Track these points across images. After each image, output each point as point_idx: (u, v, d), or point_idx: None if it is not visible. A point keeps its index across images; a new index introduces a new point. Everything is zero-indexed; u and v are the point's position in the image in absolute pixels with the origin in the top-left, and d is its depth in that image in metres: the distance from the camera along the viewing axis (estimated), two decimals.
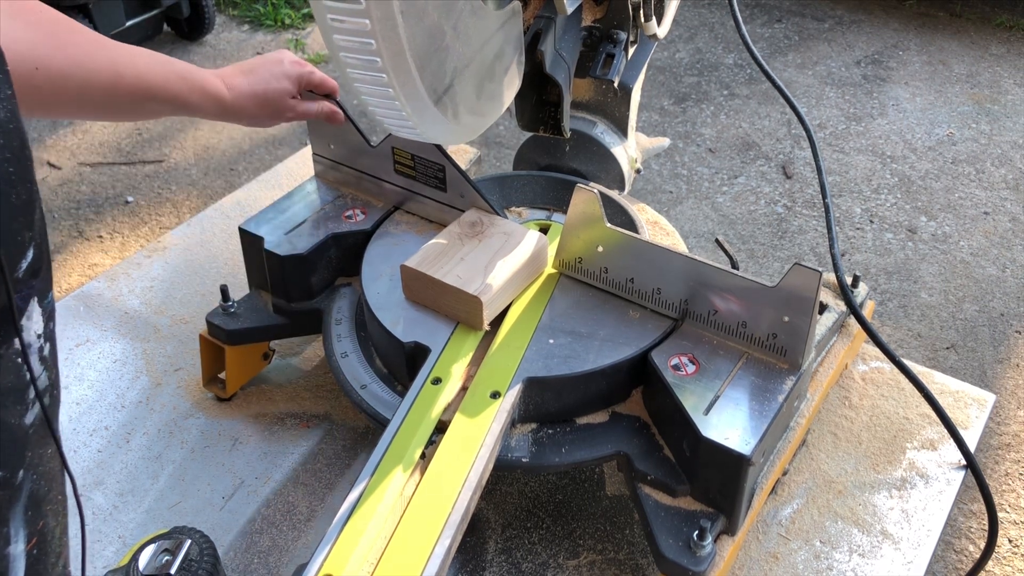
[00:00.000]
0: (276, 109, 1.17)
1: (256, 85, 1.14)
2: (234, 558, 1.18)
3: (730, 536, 1.05)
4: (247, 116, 1.15)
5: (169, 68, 1.05)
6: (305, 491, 1.26)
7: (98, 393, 1.42)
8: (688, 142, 2.94)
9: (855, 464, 1.27)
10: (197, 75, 1.09)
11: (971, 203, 2.64)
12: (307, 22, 3.74)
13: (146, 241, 2.44)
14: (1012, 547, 1.65)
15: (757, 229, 2.55)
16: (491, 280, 1.12)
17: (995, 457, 1.84)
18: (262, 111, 1.16)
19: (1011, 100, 3.12)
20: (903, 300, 2.29)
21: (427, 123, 0.90)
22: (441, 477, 0.96)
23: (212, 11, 3.47)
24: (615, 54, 1.38)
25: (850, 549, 1.16)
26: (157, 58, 1.06)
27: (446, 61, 0.89)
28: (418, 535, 0.90)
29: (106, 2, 3.09)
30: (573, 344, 1.11)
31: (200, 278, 1.64)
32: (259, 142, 2.97)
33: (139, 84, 1.00)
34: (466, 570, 1.15)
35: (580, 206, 1.14)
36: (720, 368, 1.07)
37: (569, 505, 1.24)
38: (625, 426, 1.11)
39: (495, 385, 1.06)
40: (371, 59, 0.81)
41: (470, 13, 0.91)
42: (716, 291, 1.09)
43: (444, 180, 1.28)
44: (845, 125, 3.00)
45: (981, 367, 2.08)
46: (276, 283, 1.33)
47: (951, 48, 3.45)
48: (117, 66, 0.97)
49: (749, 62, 3.35)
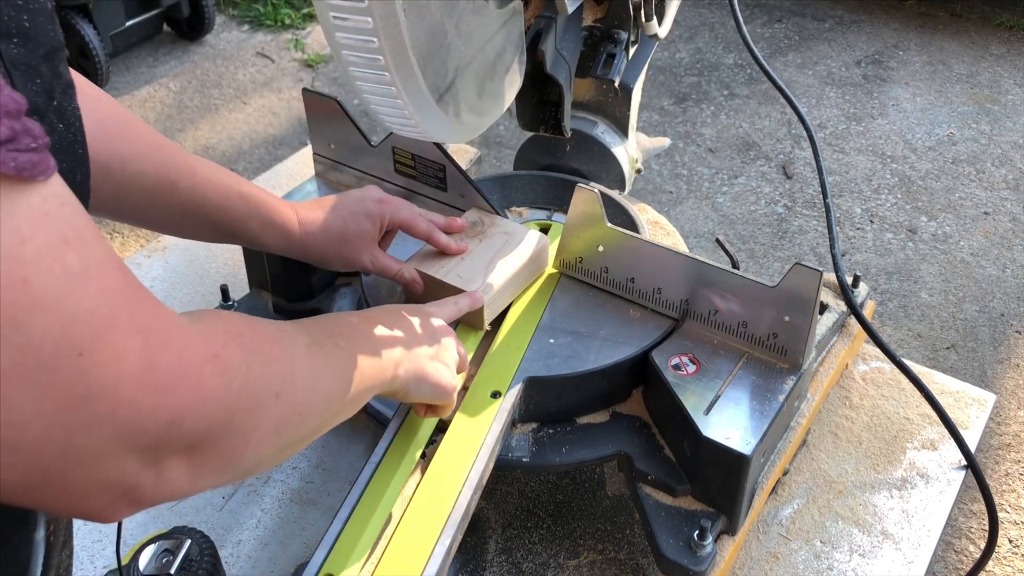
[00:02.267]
0: (352, 252, 1.06)
1: (332, 223, 1.04)
2: (234, 558, 1.18)
3: (730, 536, 1.05)
4: (317, 256, 1.06)
5: (234, 187, 0.96)
6: (305, 490, 1.26)
7: None
8: (688, 142, 2.94)
9: (855, 464, 1.27)
10: (266, 201, 1.00)
11: (971, 203, 2.64)
12: (307, 22, 3.74)
13: (146, 241, 2.44)
14: (1012, 547, 1.65)
15: (757, 229, 2.55)
16: (492, 280, 1.12)
17: (995, 457, 1.84)
18: (335, 253, 1.06)
19: (1011, 100, 3.12)
20: (903, 300, 2.29)
21: (429, 122, 0.90)
22: (441, 477, 0.96)
23: (212, 11, 3.47)
24: (616, 54, 1.38)
25: (850, 549, 1.16)
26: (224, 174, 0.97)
27: (448, 60, 0.89)
28: (418, 535, 0.90)
29: (106, 2, 3.09)
30: (574, 344, 1.11)
31: (200, 278, 1.64)
32: (259, 142, 2.97)
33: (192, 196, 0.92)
34: (466, 570, 1.15)
35: (581, 206, 1.14)
36: (721, 368, 1.07)
37: (569, 505, 1.24)
38: (626, 426, 1.11)
39: (495, 385, 1.06)
40: (373, 57, 0.81)
41: (472, 12, 0.91)
42: (717, 291, 1.09)
43: (444, 180, 1.28)
44: (845, 125, 3.00)
45: (981, 367, 2.08)
46: (276, 282, 1.33)
47: (951, 48, 3.45)
48: (170, 171, 0.91)
49: (749, 62, 3.35)
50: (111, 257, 0.47)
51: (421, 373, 0.89)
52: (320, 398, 0.69)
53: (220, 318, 0.59)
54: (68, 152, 0.53)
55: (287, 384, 0.62)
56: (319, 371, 0.69)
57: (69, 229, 0.44)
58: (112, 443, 0.46)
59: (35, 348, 0.42)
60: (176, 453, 0.51)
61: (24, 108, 0.43)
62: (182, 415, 0.50)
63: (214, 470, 0.55)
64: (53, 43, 0.50)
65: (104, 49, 3.08)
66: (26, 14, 0.48)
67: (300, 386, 0.65)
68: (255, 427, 0.57)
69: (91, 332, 0.44)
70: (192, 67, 3.42)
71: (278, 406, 0.60)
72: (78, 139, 0.54)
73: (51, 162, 0.44)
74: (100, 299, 0.45)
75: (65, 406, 0.44)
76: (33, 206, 0.43)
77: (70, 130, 0.53)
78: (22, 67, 0.48)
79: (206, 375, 0.52)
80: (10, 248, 0.41)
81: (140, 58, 3.46)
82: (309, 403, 0.66)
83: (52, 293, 0.43)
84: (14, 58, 0.47)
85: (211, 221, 0.97)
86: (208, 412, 0.52)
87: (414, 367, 0.87)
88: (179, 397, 0.49)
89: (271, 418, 0.59)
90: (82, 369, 0.44)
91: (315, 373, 0.68)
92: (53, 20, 0.51)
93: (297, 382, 0.64)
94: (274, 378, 0.60)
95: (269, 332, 0.64)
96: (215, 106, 3.18)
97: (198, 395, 0.51)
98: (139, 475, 0.49)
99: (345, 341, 0.77)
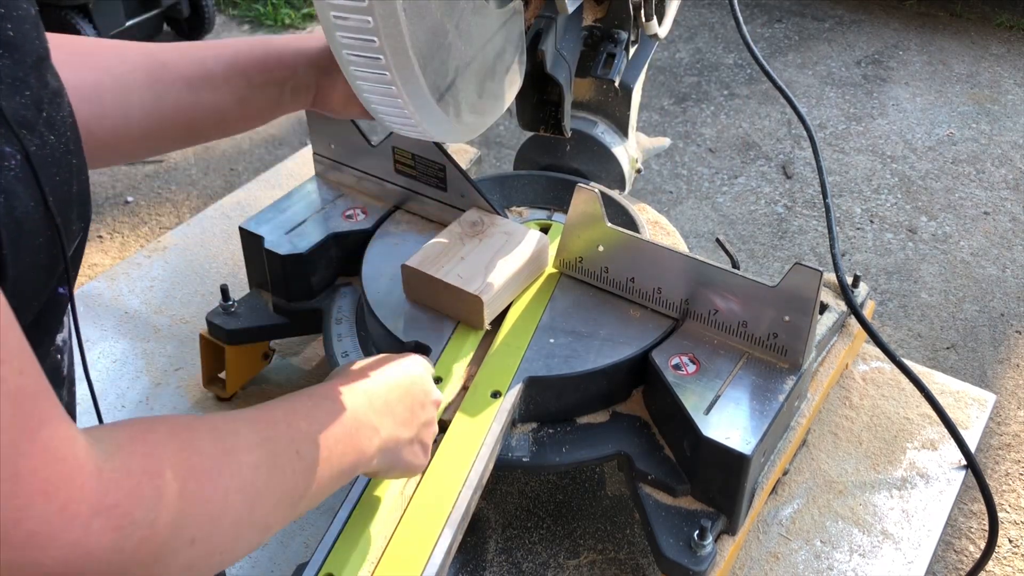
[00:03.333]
0: None
1: None
2: None
3: (731, 536, 1.05)
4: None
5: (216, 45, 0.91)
6: None
7: (98, 393, 1.41)
8: (688, 142, 2.94)
9: (855, 464, 1.27)
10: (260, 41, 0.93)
11: (971, 203, 2.64)
12: (307, 22, 3.74)
13: (146, 241, 2.44)
14: (1012, 547, 1.65)
15: (757, 229, 2.55)
16: (492, 280, 1.12)
17: (995, 457, 1.84)
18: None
19: (1011, 100, 3.13)
20: (903, 300, 2.29)
21: (429, 121, 0.90)
22: (441, 477, 0.96)
23: (212, 11, 3.48)
24: (616, 54, 1.38)
25: (851, 549, 1.16)
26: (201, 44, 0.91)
27: (448, 59, 0.89)
28: (418, 535, 0.90)
29: (106, 2, 3.09)
30: (574, 344, 1.11)
31: (200, 278, 1.64)
32: (259, 142, 2.97)
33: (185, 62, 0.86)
34: (466, 570, 1.15)
35: (581, 206, 1.14)
36: (721, 368, 1.07)
37: (569, 505, 1.24)
38: (626, 426, 1.11)
39: (495, 385, 1.06)
40: (374, 57, 0.81)
41: (472, 11, 0.91)
42: (717, 291, 1.09)
43: (445, 180, 1.28)
44: (845, 125, 3.01)
45: (981, 367, 2.08)
46: (276, 282, 1.33)
47: (951, 48, 3.45)
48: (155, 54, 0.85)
49: (749, 62, 3.35)
50: (12, 379, 0.41)
51: (396, 460, 0.82)
52: (253, 530, 0.60)
53: (143, 449, 0.50)
54: (61, 163, 0.51)
55: (209, 527, 0.54)
56: (261, 499, 0.60)
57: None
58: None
59: None
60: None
61: None
62: (61, 573, 0.43)
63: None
64: (39, 52, 0.48)
65: None
66: (10, 23, 0.46)
67: (228, 527, 0.56)
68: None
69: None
70: None
71: (192, 551, 0.52)
72: (71, 148, 0.52)
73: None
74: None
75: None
76: None
77: (61, 140, 0.51)
78: (8, 80, 0.46)
79: (94, 530, 0.44)
80: None
81: None
82: (237, 539, 0.58)
83: None
84: (0, 71, 0.45)
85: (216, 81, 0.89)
86: (94, 570, 0.44)
87: (391, 456, 0.81)
88: (55, 554, 0.42)
89: (181, 564, 0.51)
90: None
91: (254, 504, 0.59)
92: (38, 28, 0.49)
93: (225, 523, 0.56)
94: (191, 524, 0.52)
95: (204, 464, 0.54)
96: None
97: (80, 552, 0.43)
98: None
99: (310, 446, 0.67)
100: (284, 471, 0.63)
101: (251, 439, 0.61)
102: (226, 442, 0.58)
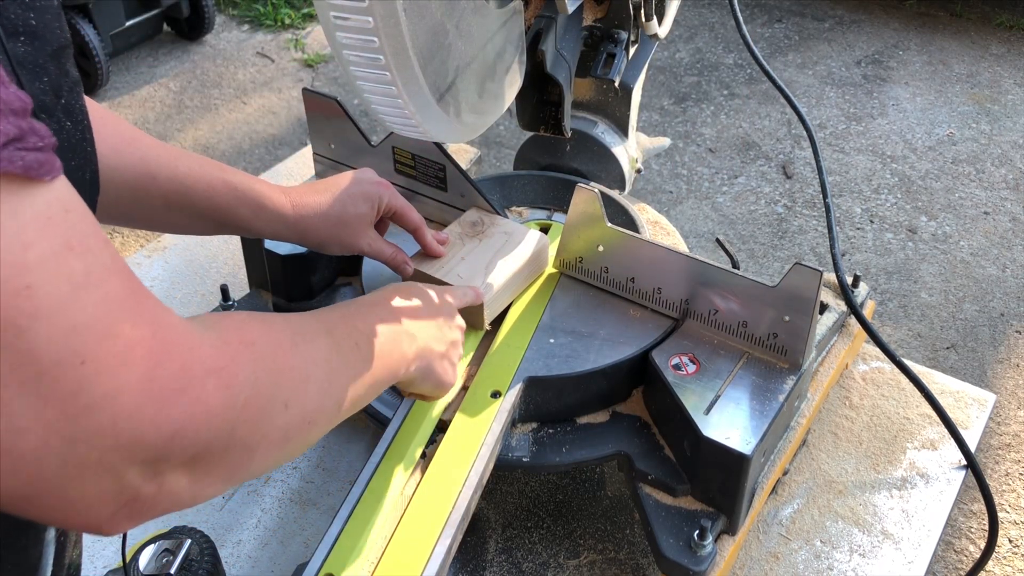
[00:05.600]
0: (350, 236, 1.03)
1: (331, 207, 1.00)
2: (234, 558, 1.18)
3: (731, 536, 1.05)
4: (315, 240, 1.02)
5: (217, 175, 0.93)
6: (305, 490, 1.26)
7: None
8: (688, 142, 2.94)
9: (855, 464, 1.27)
10: (254, 187, 0.96)
11: (971, 203, 2.64)
12: (307, 22, 3.74)
13: (146, 241, 2.44)
14: (1012, 547, 1.65)
15: (757, 229, 2.55)
16: (492, 279, 1.12)
17: (995, 457, 1.84)
18: (333, 237, 1.02)
19: (1011, 100, 3.13)
20: (903, 300, 2.29)
21: (429, 121, 0.90)
22: (442, 476, 0.96)
23: (212, 11, 3.48)
24: (616, 54, 1.38)
25: (851, 549, 1.16)
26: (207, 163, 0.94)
27: (448, 59, 0.89)
28: (418, 535, 0.90)
29: (106, 2, 3.09)
30: (574, 344, 1.11)
31: (200, 278, 1.64)
32: (259, 142, 2.97)
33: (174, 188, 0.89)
34: (466, 570, 1.15)
35: (581, 206, 1.14)
36: (721, 368, 1.07)
37: (569, 505, 1.24)
38: (626, 426, 1.11)
39: (496, 384, 1.06)
40: (374, 57, 0.81)
41: (472, 11, 0.91)
42: (717, 291, 1.09)
43: (445, 180, 1.28)
44: (845, 125, 3.01)
45: (981, 367, 2.08)
46: (276, 282, 1.33)
47: (951, 48, 3.45)
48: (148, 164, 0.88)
49: (749, 62, 3.35)
50: (116, 263, 0.47)
51: (430, 370, 0.89)
52: (332, 402, 0.68)
53: (233, 325, 0.57)
54: (76, 150, 0.52)
55: (299, 393, 0.61)
56: (335, 376, 0.68)
57: (74, 235, 0.44)
58: (112, 454, 0.45)
59: (36, 355, 0.42)
60: (178, 465, 0.49)
61: (30, 107, 0.42)
62: (184, 428, 0.48)
63: (217, 481, 0.54)
64: (60, 41, 0.50)
65: (104, 49, 3.08)
66: (33, 12, 0.48)
67: (313, 393, 0.63)
68: (261, 438, 0.56)
69: (93, 341, 0.44)
70: (192, 67, 3.42)
71: (287, 415, 0.59)
72: (86, 136, 0.54)
73: (57, 163, 0.43)
74: (103, 308, 0.44)
75: (65, 415, 0.43)
76: (38, 210, 0.42)
77: (78, 127, 0.52)
78: (29, 66, 0.47)
79: (210, 388, 0.50)
80: (13, 253, 0.41)
81: (140, 58, 3.46)
82: (321, 409, 0.65)
83: (55, 301, 0.42)
84: (21, 57, 0.47)
85: (198, 212, 0.94)
86: (211, 425, 0.50)
87: (426, 364, 0.88)
88: (181, 410, 0.48)
89: (279, 427, 0.58)
90: (83, 378, 0.43)
91: (331, 379, 0.67)
92: (60, 18, 0.50)
93: (310, 390, 0.63)
94: (284, 388, 0.59)
95: (284, 339, 0.62)
96: (215, 106, 3.18)
97: (200, 408, 0.49)
98: (140, 487, 0.48)
99: (365, 341, 0.76)
100: (348, 358, 0.72)
101: (318, 328, 0.69)
102: (297, 327, 0.66)
